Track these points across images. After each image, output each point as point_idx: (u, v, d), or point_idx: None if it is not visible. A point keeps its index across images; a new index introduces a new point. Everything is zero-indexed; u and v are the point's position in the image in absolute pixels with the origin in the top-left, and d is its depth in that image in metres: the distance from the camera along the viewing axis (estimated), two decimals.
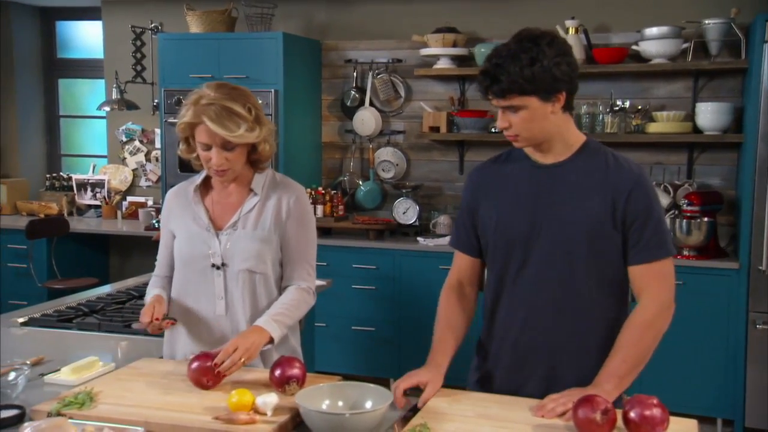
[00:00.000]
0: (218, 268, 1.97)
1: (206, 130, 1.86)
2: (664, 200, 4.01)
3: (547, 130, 1.74)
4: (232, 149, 1.89)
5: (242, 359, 1.78)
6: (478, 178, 1.91)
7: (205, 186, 2.05)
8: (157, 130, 5.17)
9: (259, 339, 1.85)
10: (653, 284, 1.76)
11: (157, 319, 1.87)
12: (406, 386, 1.72)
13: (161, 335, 2.07)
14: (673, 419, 1.53)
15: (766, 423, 3.69)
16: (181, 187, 2.09)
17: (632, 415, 1.49)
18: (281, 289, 2.04)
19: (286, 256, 2.02)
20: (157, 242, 3.18)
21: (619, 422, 1.53)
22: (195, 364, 1.76)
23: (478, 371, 1.93)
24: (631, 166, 1.79)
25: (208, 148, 1.89)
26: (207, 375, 1.74)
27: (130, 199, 5.44)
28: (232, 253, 1.97)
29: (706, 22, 3.95)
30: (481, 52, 4.32)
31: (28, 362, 1.90)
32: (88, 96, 5.86)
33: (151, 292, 2.03)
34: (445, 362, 1.81)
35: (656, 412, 1.48)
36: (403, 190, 4.57)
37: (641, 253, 1.75)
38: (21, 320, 2.42)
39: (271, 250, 1.99)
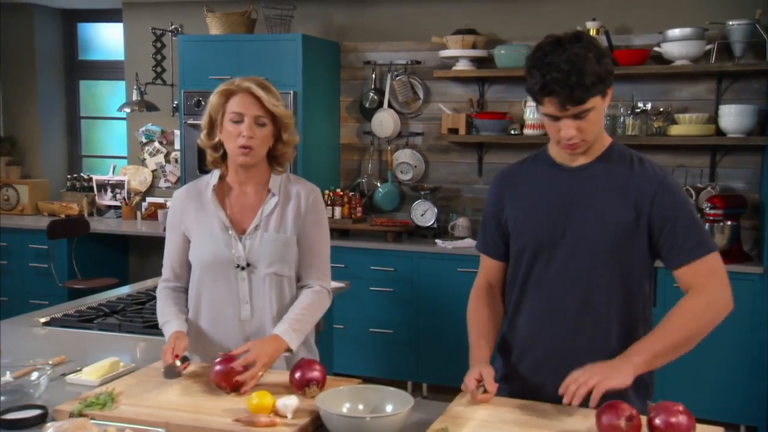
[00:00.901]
0: (243, 269, 1.95)
1: (243, 100, 1.89)
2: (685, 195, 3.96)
3: (601, 130, 1.75)
4: (262, 125, 1.90)
5: (261, 373, 1.79)
6: (504, 180, 1.90)
7: (220, 188, 2.01)
8: (177, 132, 5.20)
9: (277, 351, 1.86)
10: (701, 280, 1.71)
11: (177, 356, 1.82)
12: (474, 382, 1.71)
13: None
14: (699, 427, 1.50)
15: None
16: (192, 187, 2.05)
17: (657, 421, 1.47)
18: (298, 288, 2.03)
19: (302, 255, 2.01)
20: None
21: (644, 429, 1.51)
22: (218, 367, 1.75)
23: (499, 374, 1.92)
24: (656, 169, 1.76)
25: (240, 120, 1.89)
26: (226, 381, 1.74)
27: (149, 199, 5.47)
28: (257, 257, 1.95)
29: (730, 23, 3.91)
30: (500, 53, 4.30)
31: (50, 362, 1.91)
32: (108, 97, 5.91)
33: (170, 324, 1.96)
34: (488, 358, 1.80)
35: (682, 419, 1.46)
36: (422, 192, 4.55)
37: (680, 256, 1.72)
38: (43, 320, 2.44)
39: (293, 251, 1.99)
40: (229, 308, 1.98)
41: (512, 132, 4.37)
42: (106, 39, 5.86)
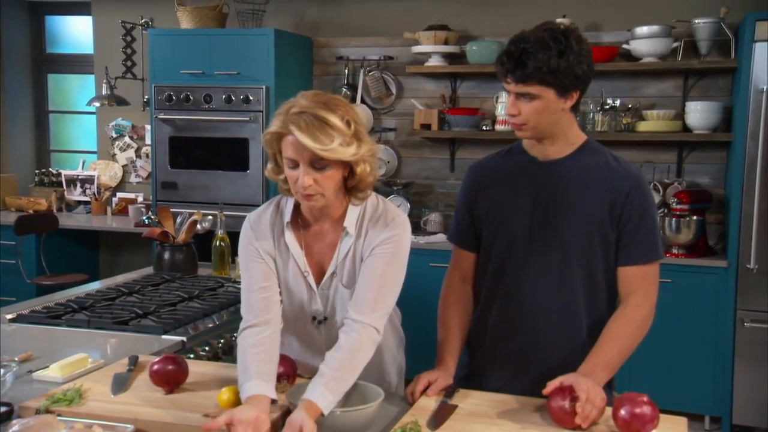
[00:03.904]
0: (320, 322, 1.78)
1: (293, 143, 1.56)
2: (654, 198, 4.03)
3: (553, 125, 1.74)
4: (322, 169, 1.57)
5: None
6: (477, 173, 1.91)
7: (296, 221, 1.73)
8: (148, 126, 5.14)
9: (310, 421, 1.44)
10: (646, 285, 1.77)
11: None
12: (421, 389, 1.72)
13: None
14: (663, 417, 1.53)
15: (753, 420, 3.71)
16: (268, 215, 1.75)
17: (622, 413, 1.49)
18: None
19: (358, 281, 1.68)
20: (147, 239, 3.18)
21: (610, 421, 1.53)
22: (156, 367, 1.70)
23: (467, 368, 1.93)
24: (630, 167, 1.80)
25: (295, 165, 1.58)
26: (162, 381, 1.71)
27: (119, 195, 5.41)
28: (332, 311, 1.76)
29: (696, 21, 3.97)
30: (472, 50, 4.32)
31: (16, 359, 1.88)
32: (77, 91, 5.81)
33: (245, 385, 1.55)
34: (453, 364, 1.82)
35: (646, 410, 1.48)
36: (395, 188, 4.56)
37: (634, 254, 1.76)
38: (9, 317, 2.40)
39: None
40: (303, 356, 1.83)
41: (484, 128, 4.39)
42: (75, 32, 5.77)
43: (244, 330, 1.67)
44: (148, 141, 5.24)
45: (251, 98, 4.40)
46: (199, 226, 3.11)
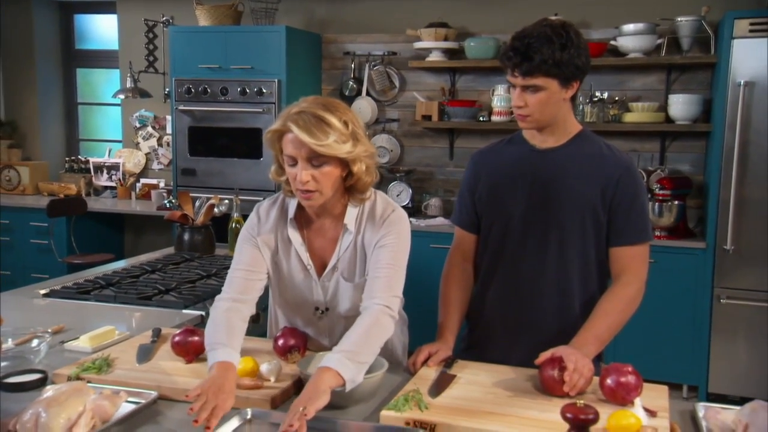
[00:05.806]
0: (322, 312, 1.76)
1: (292, 140, 1.53)
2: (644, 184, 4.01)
3: (555, 114, 1.73)
4: (319, 166, 1.55)
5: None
6: (480, 159, 1.90)
7: (299, 217, 1.71)
8: (168, 117, 5.13)
9: (328, 388, 1.41)
10: (636, 264, 1.75)
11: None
12: (422, 360, 1.71)
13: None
14: (646, 386, 1.53)
15: (727, 389, 3.72)
16: (277, 209, 1.73)
17: (608, 381, 1.49)
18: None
19: (370, 267, 1.66)
20: (169, 221, 3.18)
21: (599, 391, 1.53)
22: (177, 339, 1.70)
23: (466, 341, 1.93)
24: (622, 155, 1.79)
25: (294, 162, 1.56)
26: (184, 352, 1.70)
27: (143, 181, 5.40)
28: (334, 302, 1.74)
29: (679, 19, 3.93)
30: (470, 45, 4.28)
31: (49, 330, 1.89)
32: (104, 85, 5.80)
33: (216, 352, 1.50)
34: (452, 338, 1.81)
35: (631, 378, 1.48)
36: (397, 174, 4.55)
37: (626, 235, 1.74)
38: (43, 292, 2.40)
39: None
40: (309, 340, 1.79)
41: (481, 119, 4.37)
42: (102, 29, 5.74)
43: (219, 300, 1.65)
44: (169, 131, 5.22)
45: (264, 91, 4.38)
46: (216, 210, 3.11)
